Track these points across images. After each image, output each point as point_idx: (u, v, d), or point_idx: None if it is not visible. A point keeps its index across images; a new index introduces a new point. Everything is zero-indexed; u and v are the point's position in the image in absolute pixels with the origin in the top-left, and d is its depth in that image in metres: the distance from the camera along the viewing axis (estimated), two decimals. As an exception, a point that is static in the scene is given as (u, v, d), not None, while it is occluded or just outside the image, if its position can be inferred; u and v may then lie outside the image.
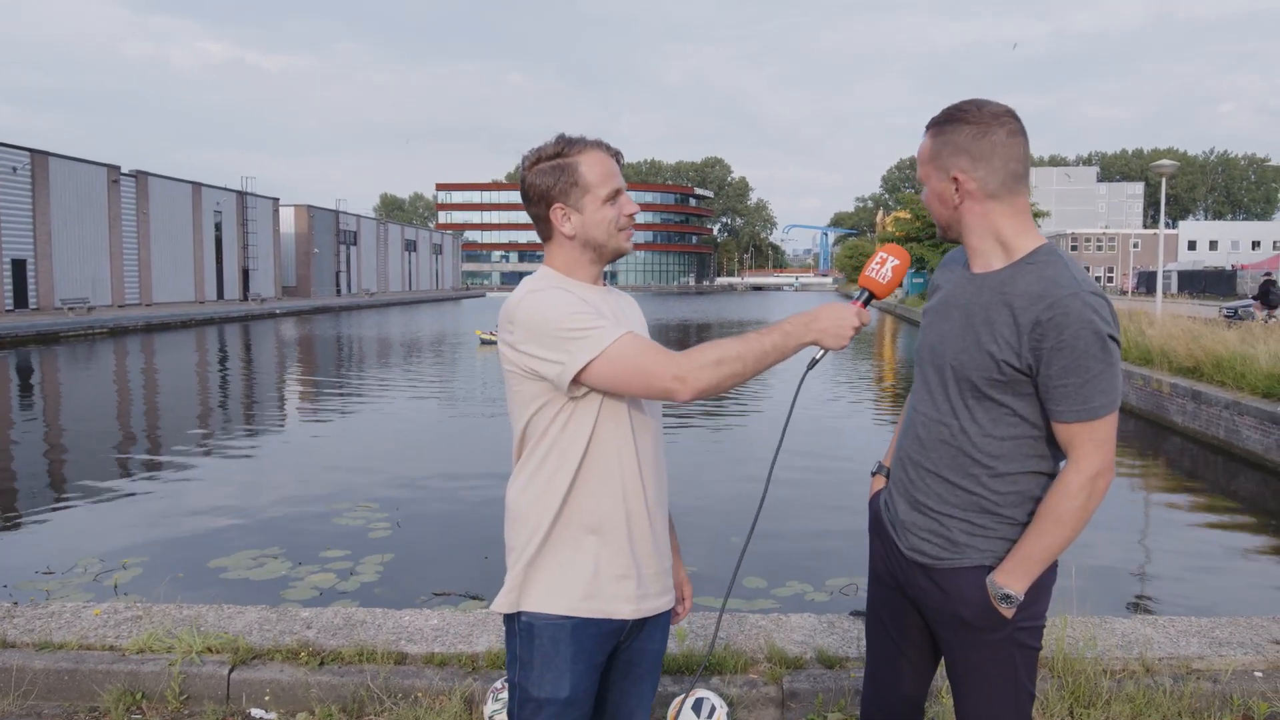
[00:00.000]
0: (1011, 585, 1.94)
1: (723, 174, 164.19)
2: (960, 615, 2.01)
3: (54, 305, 40.95)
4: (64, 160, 43.37)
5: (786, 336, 1.91)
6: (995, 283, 1.98)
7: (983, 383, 1.95)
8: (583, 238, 2.03)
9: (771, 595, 6.42)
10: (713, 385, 1.87)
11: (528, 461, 2.02)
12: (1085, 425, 1.88)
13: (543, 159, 2.02)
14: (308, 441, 13.33)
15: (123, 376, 21.71)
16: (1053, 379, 1.87)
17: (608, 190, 2.01)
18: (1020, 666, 2.02)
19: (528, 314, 1.94)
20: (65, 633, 3.71)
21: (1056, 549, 1.93)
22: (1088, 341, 1.85)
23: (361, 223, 79.88)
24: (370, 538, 7.76)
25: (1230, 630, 3.83)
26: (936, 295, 2.17)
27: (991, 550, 1.99)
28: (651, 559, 2.06)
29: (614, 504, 1.99)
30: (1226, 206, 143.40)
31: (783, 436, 2.19)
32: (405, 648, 3.60)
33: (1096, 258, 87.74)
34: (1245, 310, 28.56)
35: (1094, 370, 1.86)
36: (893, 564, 2.18)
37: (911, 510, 2.10)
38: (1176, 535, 8.72)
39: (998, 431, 1.97)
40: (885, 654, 2.27)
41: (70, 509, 9.00)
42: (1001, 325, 1.92)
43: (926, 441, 2.07)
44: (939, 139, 2.02)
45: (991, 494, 1.99)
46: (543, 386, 1.95)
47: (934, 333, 2.09)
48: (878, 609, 2.27)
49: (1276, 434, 10.84)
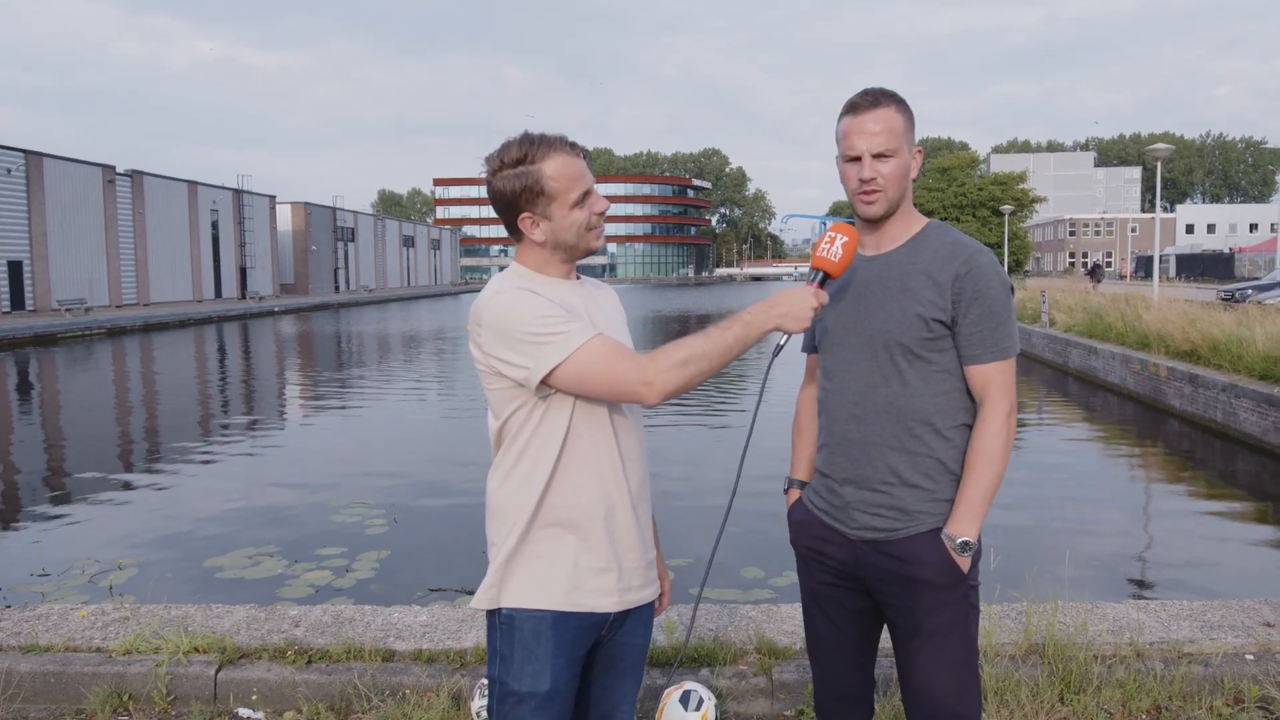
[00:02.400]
0: (966, 532, 2.07)
1: (720, 165, 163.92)
2: (921, 578, 2.09)
3: (51, 306, 40.92)
4: (59, 161, 43.30)
5: (748, 326, 1.93)
6: (900, 256, 2.15)
7: (914, 344, 2.10)
8: (553, 242, 2.02)
9: (769, 585, 6.42)
10: (680, 386, 1.88)
11: (506, 455, 2.01)
12: (998, 365, 2.08)
13: (506, 165, 1.97)
14: (305, 439, 13.32)
15: (120, 377, 21.70)
16: (971, 325, 2.08)
17: (576, 194, 1.98)
18: (970, 625, 2.15)
19: (494, 316, 1.93)
20: (52, 635, 3.70)
21: (994, 487, 2.08)
22: (998, 290, 2.08)
23: (359, 219, 79.80)
24: (367, 534, 7.75)
25: (1222, 614, 3.82)
26: (830, 286, 2.18)
27: (939, 513, 2.12)
28: (633, 552, 2.04)
29: (593, 497, 1.98)
30: (1224, 189, 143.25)
31: (752, 426, 2.24)
32: (393, 645, 3.59)
33: (1095, 242, 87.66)
34: (1242, 293, 28.56)
35: (1003, 315, 2.09)
36: (832, 556, 2.23)
37: (859, 490, 2.16)
38: (1173, 518, 8.71)
39: (931, 389, 2.11)
40: (834, 642, 2.31)
41: (67, 510, 8.99)
42: (921, 288, 2.09)
43: (864, 416, 2.15)
44: (905, 114, 2.12)
45: (936, 452, 2.11)
46: (515, 386, 1.94)
47: (849, 315, 2.19)
48: (820, 605, 2.31)
49: (1274, 416, 10.82)
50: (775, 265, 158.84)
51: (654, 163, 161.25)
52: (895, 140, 2.07)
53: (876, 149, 2.06)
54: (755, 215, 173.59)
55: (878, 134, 2.06)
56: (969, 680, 2.14)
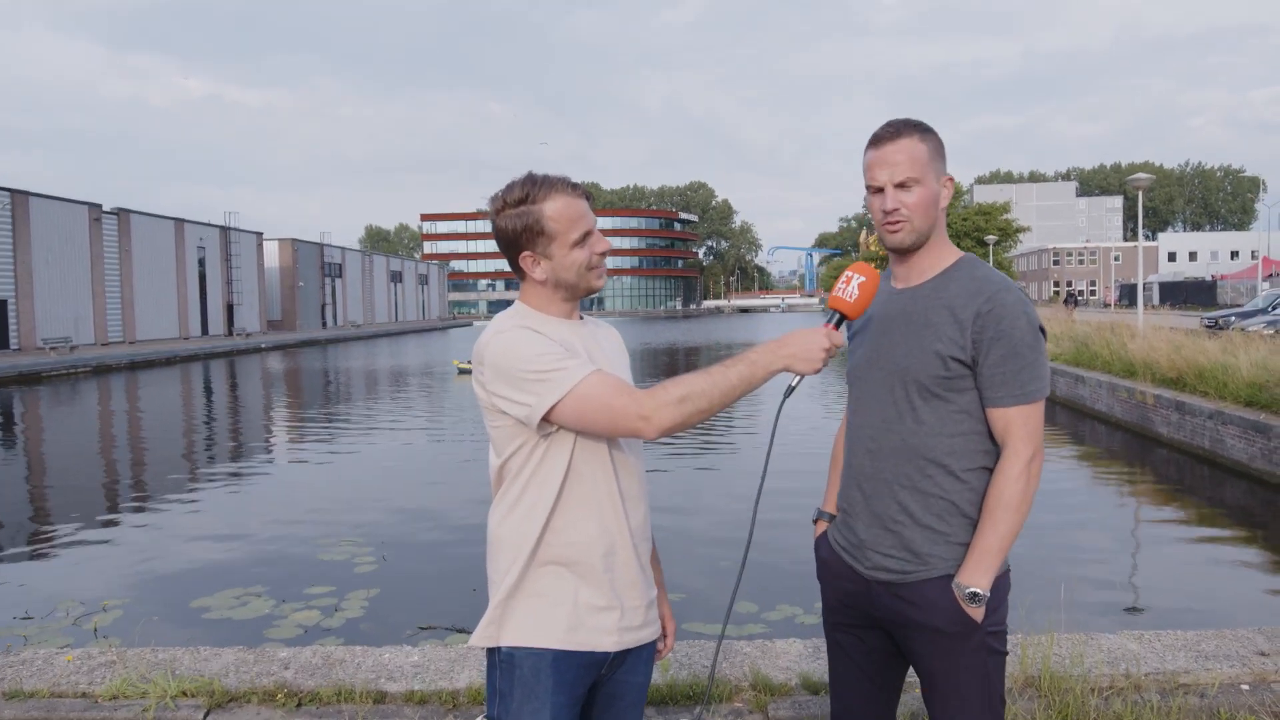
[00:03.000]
0: (976, 582, 2.00)
1: (706, 198, 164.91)
2: (932, 625, 2.04)
3: (36, 345, 40.68)
4: (45, 199, 43.23)
5: (753, 366, 1.89)
6: (927, 291, 2.10)
7: (931, 382, 2.04)
8: (554, 281, 2.04)
9: (762, 620, 6.38)
10: (678, 423, 1.87)
11: (507, 493, 2.02)
12: (1021, 410, 2.00)
13: (508, 205, 2.01)
14: (292, 477, 13.22)
15: (106, 415, 21.54)
16: (992, 366, 2.00)
17: (576, 235, 2.00)
18: (992, 671, 2.07)
19: (495, 355, 1.94)
20: (36, 680, 3.64)
21: (1010, 536, 2.00)
22: (1023, 330, 1.99)
23: (346, 255, 79.83)
24: (356, 572, 7.68)
25: (1216, 643, 3.81)
26: (860, 320, 2.21)
27: (953, 558, 2.05)
28: (633, 590, 2.04)
29: (594, 535, 1.98)
30: (1204, 217, 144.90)
31: (765, 470, 2.19)
32: (385, 686, 3.54)
33: (1079, 271, 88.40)
34: (1225, 320, 28.82)
35: (1028, 357, 2.00)
36: (852, 595, 2.20)
37: (870, 527, 2.13)
38: (1164, 546, 8.72)
39: (946, 429, 2.05)
40: (853, 682, 2.28)
41: (50, 551, 8.88)
42: (943, 325, 2.04)
43: (878, 452, 2.12)
44: (932, 142, 2.08)
45: (948, 493, 2.05)
46: (517, 423, 1.95)
47: (871, 349, 2.16)
48: (840, 643, 2.28)
49: (1260, 442, 10.87)
50: (763, 297, 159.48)
51: (640, 196, 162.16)
52: (918, 169, 2.04)
53: (899, 178, 2.05)
54: (742, 247, 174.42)
55: (899, 164, 2.04)
56: None
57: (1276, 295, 31.88)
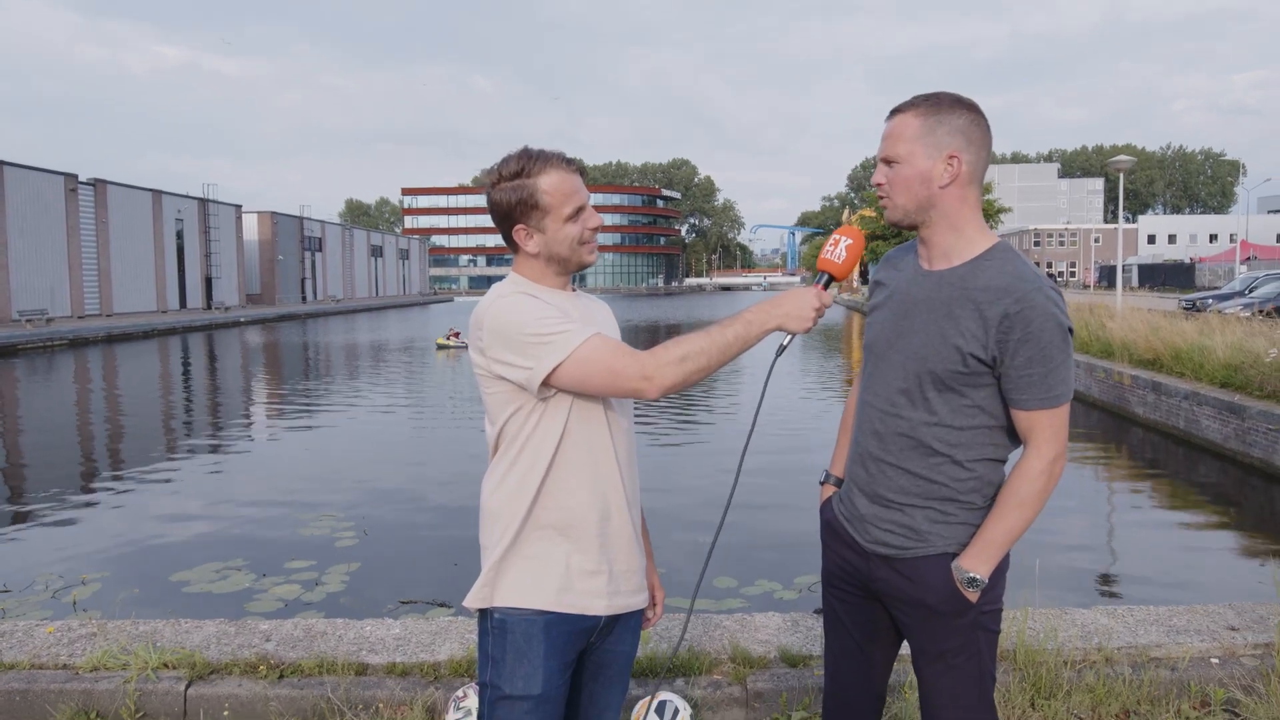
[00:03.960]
0: (977, 569, 2.01)
1: (689, 175, 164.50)
2: (926, 602, 2.06)
3: (11, 317, 40.17)
4: (19, 169, 42.55)
5: (749, 325, 1.94)
6: (955, 279, 2.02)
7: (946, 375, 2.00)
8: (546, 254, 2.07)
9: (741, 594, 6.43)
10: (679, 381, 1.90)
11: (501, 460, 2.05)
12: (1046, 413, 1.96)
13: (504, 178, 2.04)
14: (271, 451, 13.17)
15: (83, 389, 21.34)
16: (1018, 369, 1.94)
17: (569, 209, 2.04)
18: (984, 649, 2.09)
19: (495, 320, 1.97)
20: (17, 652, 3.63)
21: (1019, 531, 1.99)
22: (1051, 333, 1.93)
23: (326, 229, 79.15)
24: (336, 547, 7.68)
25: (1188, 618, 3.88)
26: (883, 291, 2.19)
27: (954, 537, 2.05)
28: (625, 556, 2.08)
29: (587, 501, 2.02)
30: (1184, 200, 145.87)
31: (754, 424, 2.21)
32: (366, 658, 3.56)
33: (1059, 253, 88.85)
34: (1203, 302, 29.10)
35: (1056, 360, 1.94)
36: (851, 564, 2.21)
37: (872, 504, 2.13)
38: (1138, 524, 8.84)
39: (957, 422, 2.03)
40: (845, 651, 2.30)
41: (28, 526, 8.82)
42: (967, 320, 1.98)
43: (885, 435, 2.10)
44: (932, 118, 2.01)
45: (952, 482, 2.04)
46: (514, 389, 1.98)
47: (891, 329, 2.12)
48: (835, 610, 2.30)
49: (1234, 423, 11.02)
50: (744, 275, 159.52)
51: (623, 173, 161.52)
52: (901, 146, 2.02)
53: (883, 154, 2.06)
54: (724, 225, 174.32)
55: (885, 139, 2.06)
56: (980, 703, 2.10)
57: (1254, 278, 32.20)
